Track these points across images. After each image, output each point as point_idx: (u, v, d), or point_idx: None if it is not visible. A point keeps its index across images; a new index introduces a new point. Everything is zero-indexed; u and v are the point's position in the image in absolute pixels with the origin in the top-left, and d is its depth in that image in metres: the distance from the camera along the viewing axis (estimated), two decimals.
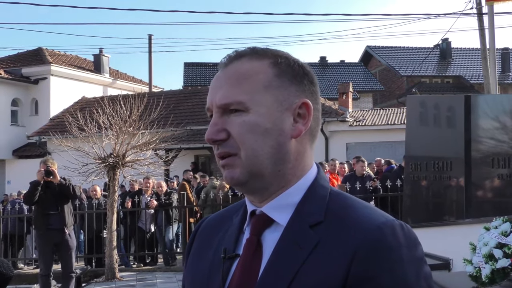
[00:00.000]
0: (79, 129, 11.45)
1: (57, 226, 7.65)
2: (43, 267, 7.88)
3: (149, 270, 11.21)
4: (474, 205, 5.77)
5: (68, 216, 7.77)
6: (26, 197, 7.99)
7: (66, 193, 7.76)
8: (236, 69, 1.11)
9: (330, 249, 1.01)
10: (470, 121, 5.87)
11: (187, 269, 1.24)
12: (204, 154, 20.52)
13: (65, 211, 7.71)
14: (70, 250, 7.76)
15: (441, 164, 6.31)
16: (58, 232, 7.65)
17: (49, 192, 7.71)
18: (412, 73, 34.86)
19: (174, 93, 24.61)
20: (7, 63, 26.66)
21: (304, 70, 1.14)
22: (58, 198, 7.71)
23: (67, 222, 7.70)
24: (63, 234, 7.66)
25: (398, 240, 1.00)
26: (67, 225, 7.68)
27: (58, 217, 7.66)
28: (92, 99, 23.69)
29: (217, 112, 1.10)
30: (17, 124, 24.83)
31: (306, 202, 1.09)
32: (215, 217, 1.29)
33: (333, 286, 0.98)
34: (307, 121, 1.11)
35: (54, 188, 7.70)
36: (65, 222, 7.66)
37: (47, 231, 7.65)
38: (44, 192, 7.69)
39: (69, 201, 7.94)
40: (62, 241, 7.68)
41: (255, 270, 1.07)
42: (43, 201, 7.69)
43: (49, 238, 7.67)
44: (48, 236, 7.67)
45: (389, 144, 19.09)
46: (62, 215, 7.67)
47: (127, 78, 31.51)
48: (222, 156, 1.10)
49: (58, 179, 7.71)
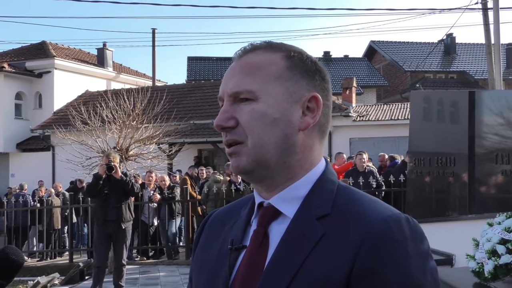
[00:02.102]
0: (82, 122, 11.48)
1: (114, 218, 7.79)
2: (95, 259, 8.03)
3: (152, 264, 11.25)
4: (477, 201, 5.76)
5: (126, 211, 7.92)
6: (88, 190, 8.17)
7: (125, 189, 7.88)
8: (249, 60, 1.13)
9: (336, 241, 1.02)
10: (474, 117, 5.85)
11: (194, 261, 1.25)
12: (207, 148, 20.53)
13: (123, 206, 7.85)
14: (123, 243, 7.90)
15: (444, 159, 6.30)
16: (114, 224, 7.80)
17: (111, 186, 7.83)
18: (416, 68, 34.75)
19: (177, 87, 24.60)
20: (11, 56, 26.68)
21: (316, 66, 1.15)
22: (118, 193, 7.85)
23: (124, 217, 7.84)
24: (118, 227, 7.80)
25: (404, 233, 1.01)
26: (124, 220, 7.81)
27: (116, 210, 7.80)
28: (95, 93, 23.71)
29: (228, 100, 1.12)
30: (21, 117, 24.86)
31: (313, 195, 1.10)
32: (223, 210, 1.30)
33: (338, 278, 0.99)
34: (315, 114, 1.12)
35: (115, 183, 7.81)
36: (122, 216, 7.79)
37: (104, 223, 7.78)
38: (105, 186, 7.81)
39: (129, 197, 8.04)
40: (117, 233, 7.82)
41: (261, 261, 1.08)
42: (104, 194, 7.83)
43: (105, 230, 7.82)
44: (104, 228, 7.81)
45: (393, 139, 19.06)
46: (120, 210, 7.81)
47: (130, 72, 31.51)
48: (230, 143, 1.11)
49: (120, 174, 7.81)
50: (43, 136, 22.98)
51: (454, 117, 6.56)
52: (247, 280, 1.07)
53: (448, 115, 6.77)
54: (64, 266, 11.24)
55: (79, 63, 27.18)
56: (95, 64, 28.80)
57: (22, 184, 14.94)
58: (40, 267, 11.59)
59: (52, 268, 11.17)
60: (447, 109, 6.80)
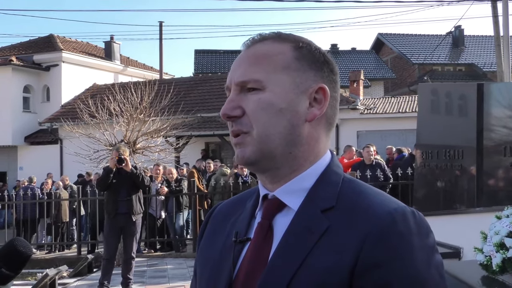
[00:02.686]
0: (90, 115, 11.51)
1: (125, 210, 7.82)
2: (105, 251, 8.06)
3: (160, 256, 11.29)
4: (485, 194, 5.73)
5: (136, 204, 7.94)
6: (99, 183, 8.18)
7: (136, 182, 7.91)
8: (257, 49, 1.13)
9: (341, 234, 1.01)
10: (482, 110, 5.82)
11: (199, 253, 1.25)
12: (214, 141, 20.54)
13: (133, 199, 7.87)
14: (133, 235, 7.92)
15: (452, 152, 6.27)
16: (125, 217, 7.83)
17: (121, 179, 7.85)
18: (424, 61, 34.57)
19: (184, 80, 24.60)
20: (19, 50, 26.76)
21: (325, 58, 1.15)
22: (129, 186, 7.87)
23: (135, 209, 7.87)
24: (129, 219, 7.82)
25: (409, 227, 1.00)
26: (134, 212, 7.85)
27: (127, 203, 7.83)
28: (103, 86, 23.76)
29: (235, 90, 1.12)
30: (29, 110, 24.97)
31: (318, 187, 1.09)
32: (228, 202, 1.30)
33: (342, 271, 0.98)
34: (322, 106, 1.11)
35: (125, 176, 7.84)
36: (132, 209, 7.83)
37: (115, 216, 7.82)
38: (115, 179, 7.83)
39: (139, 190, 8.07)
40: (127, 225, 7.85)
41: (265, 254, 1.07)
42: (115, 187, 7.84)
43: (116, 223, 7.85)
44: (115, 221, 7.84)
45: (400, 132, 19.01)
46: (131, 202, 7.84)
47: (138, 65, 31.55)
48: (236, 134, 1.11)
49: (130, 167, 7.84)
50: (51, 129, 23.08)
51: (462, 110, 6.52)
52: (251, 272, 1.06)
53: (456, 108, 6.73)
54: (73, 258, 11.31)
55: (86, 56, 27.23)
56: (103, 57, 28.85)
57: (31, 177, 15.03)
58: (49, 260, 11.67)
59: (60, 260, 11.24)
60: (455, 101, 6.76)
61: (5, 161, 24.57)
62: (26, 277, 8.72)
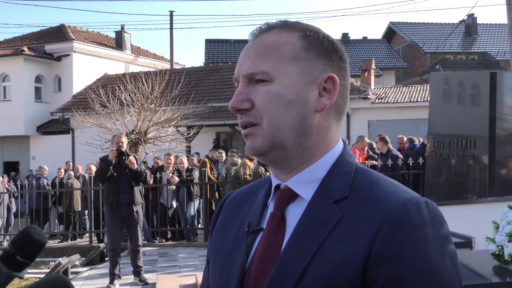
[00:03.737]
0: (101, 105, 11.55)
1: (126, 201, 7.85)
2: (109, 242, 8.12)
3: (171, 246, 11.35)
4: (497, 184, 5.70)
5: (137, 195, 7.97)
6: (100, 175, 8.13)
7: (139, 179, 7.94)
8: (264, 40, 1.11)
9: (354, 224, 1.01)
10: (495, 99, 5.77)
11: (211, 243, 1.25)
12: (225, 131, 20.56)
13: (135, 190, 7.91)
14: (137, 225, 7.95)
15: (464, 142, 6.23)
16: (127, 207, 7.85)
17: (122, 171, 7.86)
18: (436, 49, 34.32)
19: (195, 70, 24.62)
20: (31, 40, 26.88)
21: (333, 45, 1.13)
22: (130, 178, 7.88)
23: (136, 200, 7.90)
24: (130, 210, 7.85)
25: (423, 217, 0.99)
26: (135, 203, 7.89)
27: (129, 194, 7.86)
28: (114, 76, 23.83)
29: (243, 81, 1.11)
30: (41, 100, 25.11)
31: (331, 177, 1.09)
32: (240, 192, 1.30)
33: (355, 261, 0.98)
34: (332, 95, 1.10)
35: (125, 167, 7.85)
36: (134, 200, 7.86)
37: (117, 207, 7.85)
38: (116, 171, 7.84)
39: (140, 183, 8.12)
40: (129, 216, 7.88)
41: (278, 244, 1.07)
42: (116, 179, 7.85)
43: (118, 213, 7.87)
44: (117, 211, 7.86)
45: (412, 122, 18.91)
46: (132, 193, 7.87)
47: (148, 55, 31.58)
48: (245, 125, 1.10)
49: (136, 166, 7.81)
50: (63, 119, 23.22)
51: (474, 99, 6.47)
52: (264, 263, 1.06)
53: (469, 97, 6.68)
54: (85, 247, 11.41)
55: (97, 46, 27.30)
56: (113, 47, 28.90)
57: (42, 166, 15.13)
58: (61, 248, 11.77)
59: (73, 249, 11.34)
60: (468, 91, 6.71)
61: (18, 151, 24.77)
62: (39, 265, 8.81)
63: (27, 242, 1.17)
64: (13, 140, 24.78)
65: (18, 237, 1.18)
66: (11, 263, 1.16)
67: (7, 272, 1.16)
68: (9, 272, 1.16)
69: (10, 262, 1.16)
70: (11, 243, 1.18)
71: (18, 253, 1.16)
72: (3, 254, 1.17)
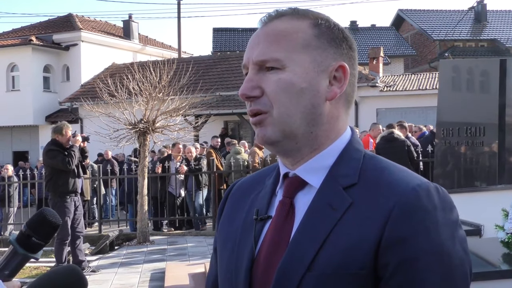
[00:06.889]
0: (109, 95, 11.54)
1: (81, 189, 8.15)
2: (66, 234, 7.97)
3: (180, 234, 11.41)
4: (507, 171, 5.68)
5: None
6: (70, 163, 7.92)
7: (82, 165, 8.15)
8: (275, 27, 1.10)
9: (364, 210, 1.01)
10: (505, 86, 5.72)
11: (219, 231, 1.25)
12: (233, 120, 20.57)
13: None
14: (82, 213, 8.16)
15: (474, 129, 6.20)
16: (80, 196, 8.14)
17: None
18: (445, 37, 34.06)
19: (203, 59, 24.58)
20: (39, 29, 26.92)
21: (343, 34, 1.12)
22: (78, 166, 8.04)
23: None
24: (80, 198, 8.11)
25: (433, 202, 0.99)
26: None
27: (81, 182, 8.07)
28: (122, 65, 23.83)
29: (253, 68, 1.09)
30: (49, 90, 25.20)
31: (339, 164, 1.08)
32: (247, 179, 1.29)
33: (366, 247, 0.98)
34: (342, 84, 1.10)
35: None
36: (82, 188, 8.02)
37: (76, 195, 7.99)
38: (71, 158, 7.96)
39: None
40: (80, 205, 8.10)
41: (287, 231, 1.07)
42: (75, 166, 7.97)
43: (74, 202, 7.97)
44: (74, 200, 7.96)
45: (420, 109, 18.83)
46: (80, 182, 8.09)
47: (156, 44, 31.57)
48: (254, 113, 1.09)
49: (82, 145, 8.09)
50: (71, 108, 23.29)
51: (484, 86, 6.42)
52: (273, 251, 1.06)
53: (478, 84, 6.64)
54: (94, 236, 11.47)
55: (105, 36, 27.30)
56: (121, 36, 28.90)
57: None
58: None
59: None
60: (477, 78, 6.66)
61: (27, 140, 24.92)
62: (49, 254, 8.86)
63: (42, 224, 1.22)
64: (22, 129, 24.91)
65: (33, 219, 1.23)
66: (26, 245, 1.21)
67: (23, 253, 1.21)
68: (25, 253, 1.21)
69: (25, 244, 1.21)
70: (26, 225, 1.22)
71: (34, 235, 1.21)
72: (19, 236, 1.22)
